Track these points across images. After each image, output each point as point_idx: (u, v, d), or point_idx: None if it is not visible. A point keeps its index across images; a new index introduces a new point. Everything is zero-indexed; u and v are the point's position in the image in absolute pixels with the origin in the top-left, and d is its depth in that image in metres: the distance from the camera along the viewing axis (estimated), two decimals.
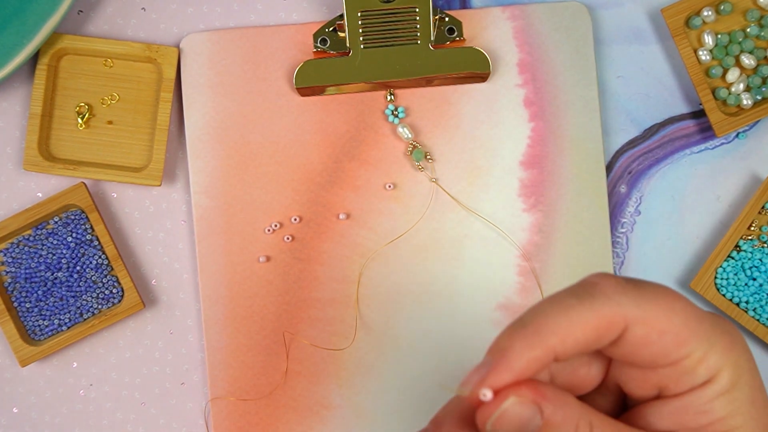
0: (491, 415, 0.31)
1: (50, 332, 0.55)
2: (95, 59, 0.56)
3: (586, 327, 0.31)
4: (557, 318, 0.31)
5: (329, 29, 0.56)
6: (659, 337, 0.32)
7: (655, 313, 0.32)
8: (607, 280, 0.32)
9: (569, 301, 0.32)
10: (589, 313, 0.31)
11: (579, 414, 0.32)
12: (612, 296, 0.32)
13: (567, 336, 0.31)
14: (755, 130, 0.58)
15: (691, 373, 0.32)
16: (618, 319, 0.31)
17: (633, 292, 0.32)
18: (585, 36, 0.57)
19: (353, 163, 0.56)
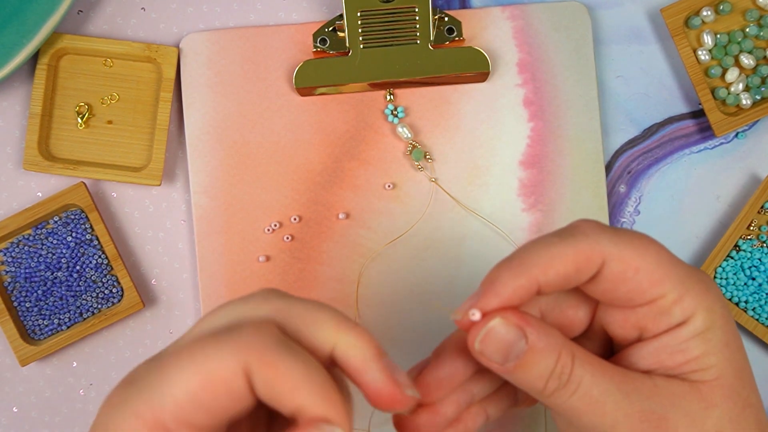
0: (479, 333, 0.34)
1: (50, 332, 0.55)
2: (95, 59, 0.56)
3: (566, 260, 0.34)
4: (540, 252, 0.34)
5: (329, 29, 0.56)
6: (634, 275, 0.34)
7: (631, 251, 0.34)
8: (588, 222, 0.35)
9: (552, 239, 0.35)
10: (569, 249, 0.34)
11: (562, 343, 0.35)
12: (591, 235, 0.34)
13: (548, 268, 0.34)
14: (754, 130, 0.58)
15: (666, 314, 0.35)
16: (595, 255, 0.34)
17: (611, 233, 0.35)
18: (584, 36, 0.57)
19: (353, 163, 0.56)
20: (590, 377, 0.34)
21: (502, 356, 0.34)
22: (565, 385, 0.34)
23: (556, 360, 0.34)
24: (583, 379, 0.34)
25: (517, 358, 0.34)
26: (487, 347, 0.34)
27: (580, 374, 0.34)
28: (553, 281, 0.34)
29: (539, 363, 0.34)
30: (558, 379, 0.34)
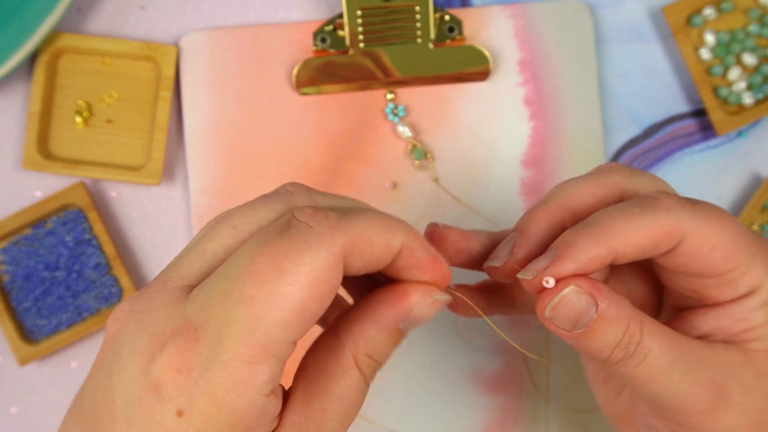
0: (550, 300, 0.34)
1: (49, 331, 0.55)
2: (94, 58, 0.56)
3: (647, 234, 0.34)
4: (622, 222, 0.34)
5: (329, 28, 0.55)
6: (710, 251, 0.34)
7: (709, 228, 0.34)
8: (668, 196, 0.35)
9: (632, 209, 0.34)
10: (650, 223, 0.34)
11: (632, 314, 0.34)
12: (672, 209, 0.34)
13: (629, 239, 0.34)
14: (756, 129, 0.58)
15: (733, 285, 0.35)
16: (676, 231, 0.34)
17: (690, 208, 0.34)
18: (586, 34, 0.57)
19: (353, 162, 0.56)
20: (658, 348, 0.34)
21: (571, 324, 0.34)
22: (632, 355, 0.34)
23: (624, 330, 0.34)
24: (651, 350, 0.34)
25: (586, 326, 0.34)
26: (558, 314, 0.34)
27: (648, 345, 0.34)
28: (630, 253, 0.34)
29: (607, 332, 0.34)
30: (625, 349, 0.34)
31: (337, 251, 0.29)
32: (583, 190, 0.37)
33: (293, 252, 0.29)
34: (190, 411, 0.28)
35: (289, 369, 0.31)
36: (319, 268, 0.29)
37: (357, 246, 0.30)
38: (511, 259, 0.36)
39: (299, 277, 0.28)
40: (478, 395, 0.55)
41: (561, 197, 0.37)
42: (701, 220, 0.34)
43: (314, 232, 0.29)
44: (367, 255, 0.31)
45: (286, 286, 0.28)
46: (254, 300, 0.28)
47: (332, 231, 0.29)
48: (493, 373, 0.55)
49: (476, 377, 0.55)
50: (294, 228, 0.29)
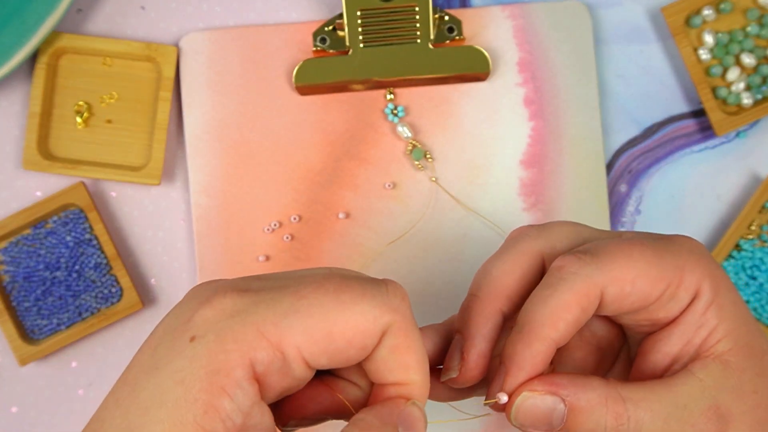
0: (510, 411, 0.35)
1: (49, 331, 0.55)
2: (94, 58, 0.56)
3: (569, 309, 0.34)
4: (543, 310, 0.34)
5: (329, 28, 0.55)
6: (633, 286, 0.34)
7: (620, 268, 0.34)
8: (567, 258, 0.35)
9: (545, 291, 0.35)
10: (566, 296, 0.34)
11: (606, 392, 0.34)
12: (578, 272, 0.34)
13: (557, 323, 0.34)
14: (755, 130, 0.58)
15: (675, 299, 0.35)
16: (592, 291, 0.34)
17: (593, 261, 0.35)
18: (585, 35, 0.57)
19: (353, 162, 0.56)
20: (650, 414, 0.34)
21: (545, 425, 0.34)
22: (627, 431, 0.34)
23: (605, 411, 0.34)
24: (644, 420, 0.34)
25: (563, 422, 0.34)
26: (526, 420, 0.34)
27: (638, 416, 0.34)
28: (566, 332, 0.34)
29: (588, 421, 0.34)
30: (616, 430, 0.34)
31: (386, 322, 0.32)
32: (506, 270, 0.37)
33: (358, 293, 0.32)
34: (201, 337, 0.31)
35: None
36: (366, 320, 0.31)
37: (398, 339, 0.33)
38: (464, 367, 0.36)
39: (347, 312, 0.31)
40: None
41: (489, 287, 0.37)
42: (608, 266, 0.34)
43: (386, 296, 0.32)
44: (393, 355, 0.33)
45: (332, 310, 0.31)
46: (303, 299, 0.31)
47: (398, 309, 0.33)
48: None
49: None
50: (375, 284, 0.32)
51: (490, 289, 0.37)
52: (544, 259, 0.37)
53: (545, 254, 0.37)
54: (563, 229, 0.38)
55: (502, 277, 0.37)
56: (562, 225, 0.38)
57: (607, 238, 0.36)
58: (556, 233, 0.38)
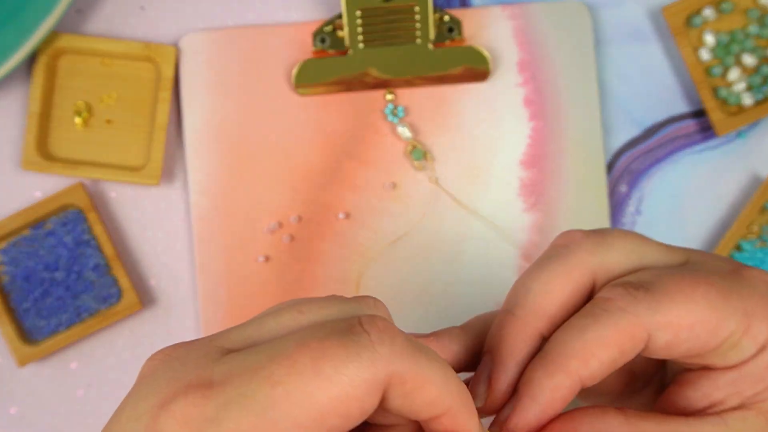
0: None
1: (48, 332, 0.55)
2: (93, 58, 0.56)
3: (607, 345, 0.30)
4: (576, 341, 0.30)
5: (328, 28, 0.55)
6: (689, 333, 0.30)
7: (678, 312, 0.30)
8: (617, 293, 0.31)
9: (584, 321, 0.31)
10: (606, 332, 0.30)
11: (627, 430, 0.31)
12: (626, 308, 0.30)
13: (588, 359, 0.30)
14: (756, 130, 0.58)
15: (737, 349, 0.31)
16: (638, 332, 0.30)
17: (646, 299, 0.30)
18: (585, 35, 0.57)
19: (353, 163, 0.56)
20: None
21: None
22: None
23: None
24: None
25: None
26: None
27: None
28: (597, 371, 0.30)
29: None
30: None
31: (384, 378, 0.26)
32: (550, 288, 0.32)
33: (340, 358, 0.26)
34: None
35: None
36: (357, 386, 0.26)
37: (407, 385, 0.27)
38: (491, 396, 0.32)
39: (333, 385, 0.26)
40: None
41: (529, 305, 0.32)
42: (664, 307, 0.30)
43: (371, 348, 0.26)
44: (409, 399, 0.27)
45: (316, 388, 0.26)
46: (278, 386, 0.26)
47: (392, 356, 0.27)
48: None
49: None
50: (355, 335, 0.27)
51: (529, 307, 0.32)
52: (595, 279, 0.33)
53: (597, 274, 0.33)
54: (625, 245, 0.33)
55: (544, 296, 0.32)
56: (624, 239, 0.33)
57: (669, 273, 0.32)
58: (615, 250, 0.33)
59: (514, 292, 0.33)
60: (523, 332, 0.32)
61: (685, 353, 0.31)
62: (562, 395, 0.30)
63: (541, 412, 0.30)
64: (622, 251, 0.33)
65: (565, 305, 0.32)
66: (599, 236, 0.33)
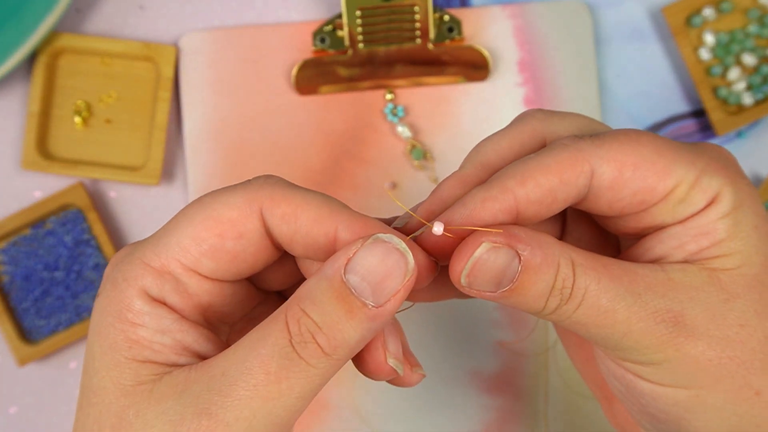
0: (464, 266, 0.30)
1: (48, 332, 0.55)
2: (93, 58, 0.56)
3: (546, 171, 0.30)
4: (518, 166, 0.30)
5: (328, 28, 0.55)
6: (634, 171, 0.30)
7: (621, 147, 0.30)
8: (567, 137, 0.31)
9: (529, 158, 0.31)
10: (547, 159, 0.30)
11: (560, 252, 0.30)
12: (570, 145, 0.30)
13: (526, 179, 0.30)
14: (756, 130, 0.58)
15: (686, 202, 0.30)
16: (579, 161, 0.30)
17: (592, 140, 0.30)
18: (585, 35, 0.57)
19: (353, 163, 0.56)
20: (596, 285, 0.30)
21: (493, 285, 0.30)
22: (568, 299, 0.30)
23: (555, 274, 0.30)
24: (588, 289, 0.30)
25: (512, 282, 0.29)
26: (476, 280, 0.30)
27: (584, 284, 0.30)
28: (533, 194, 0.30)
29: (537, 282, 0.29)
30: (559, 295, 0.30)
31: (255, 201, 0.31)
32: (500, 146, 0.33)
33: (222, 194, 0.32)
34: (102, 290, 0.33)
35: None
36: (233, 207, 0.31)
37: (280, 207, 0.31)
38: (412, 219, 0.33)
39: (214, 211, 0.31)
40: (478, 395, 0.55)
41: (477, 160, 0.33)
42: (608, 145, 0.30)
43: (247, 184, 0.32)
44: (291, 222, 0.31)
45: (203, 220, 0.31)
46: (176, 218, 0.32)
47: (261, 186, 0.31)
48: (492, 373, 0.55)
49: (476, 377, 0.55)
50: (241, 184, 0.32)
51: (476, 161, 0.33)
52: (545, 143, 0.32)
53: (548, 138, 0.32)
54: (576, 119, 0.33)
55: (492, 152, 0.33)
56: (576, 116, 0.33)
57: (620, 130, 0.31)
58: (567, 121, 0.33)
59: (468, 155, 0.34)
60: (466, 178, 0.33)
61: (630, 201, 0.30)
62: (493, 207, 0.30)
63: (467, 215, 0.30)
64: (573, 122, 0.33)
65: (510, 160, 0.32)
66: (554, 112, 0.33)
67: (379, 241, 0.29)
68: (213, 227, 0.31)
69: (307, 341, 0.28)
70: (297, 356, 0.28)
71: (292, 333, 0.29)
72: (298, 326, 0.29)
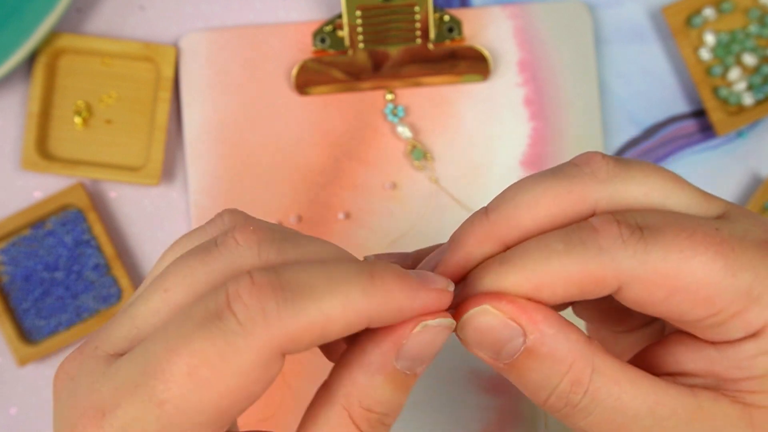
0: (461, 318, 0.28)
1: (48, 332, 0.55)
2: (93, 58, 0.56)
3: (567, 282, 0.27)
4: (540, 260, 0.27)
5: (328, 28, 0.55)
6: (669, 297, 0.26)
7: (662, 272, 0.26)
8: (606, 227, 0.26)
9: (555, 245, 0.27)
10: (573, 266, 0.26)
11: (578, 351, 0.27)
12: (607, 249, 0.26)
13: (545, 282, 0.27)
14: (756, 130, 0.58)
15: (721, 327, 0.27)
16: (609, 277, 0.26)
17: (635, 245, 0.26)
18: (585, 35, 0.57)
19: (352, 163, 0.56)
20: (614, 401, 0.27)
21: (491, 351, 0.27)
22: (575, 406, 0.27)
23: (564, 372, 0.27)
24: (604, 403, 0.27)
25: (511, 358, 0.27)
26: (473, 337, 0.28)
27: (599, 396, 0.27)
28: (547, 300, 0.27)
29: (541, 370, 0.27)
30: (565, 398, 0.27)
31: (271, 352, 0.25)
32: (537, 204, 0.28)
33: (214, 357, 0.24)
34: None
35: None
36: (247, 373, 0.24)
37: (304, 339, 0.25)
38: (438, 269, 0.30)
39: (219, 384, 0.24)
40: (478, 395, 0.55)
41: (506, 212, 0.28)
42: (653, 261, 0.26)
43: (243, 332, 0.24)
44: (320, 341, 0.25)
45: (203, 393, 0.24)
46: (166, 405, 0.24)
47: (269, 329, 0.24)
48: (493, 374, 0.55)
49: (476, 377, 0.55)
50: (222, 321, 0.24)
51: (505, 215, 0.28)
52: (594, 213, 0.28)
53: (601, 206, 0.28)
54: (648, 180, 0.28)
55: (526, 209, 0.28)
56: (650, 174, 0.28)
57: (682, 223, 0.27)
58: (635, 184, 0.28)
59: (501, 194, 0.29)
60: (488, 234, 0.28)
61: (653, 312, 0.27)
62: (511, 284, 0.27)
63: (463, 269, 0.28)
64: (642, 186, 0.28)
65: (545, 228, 0.28)
66: (621, 164, 0.28)
67: (428, 328, 0.27)
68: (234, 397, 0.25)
69: (380, 429, 0.28)
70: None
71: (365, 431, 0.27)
72: (369, 424, 0.27)
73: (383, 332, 0.27)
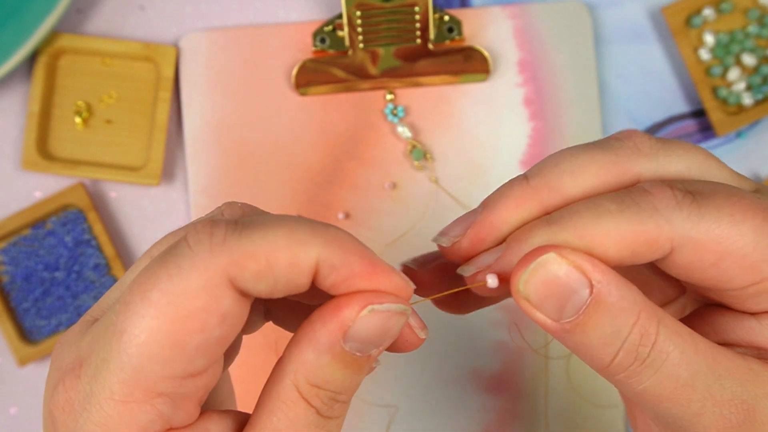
0: (524, 269, 0.26)
1: (48, 332, 0.55)
2: (93, 58, 0.56)
3: (621, 243, 0.26)
4: (591, 221, 0.26)
5: (328, 28, 0.55)
6: (715, 263, 0.26)
7: (715, 235, 0.26)
8: (660, 189, 0.26)
9: (608, 205, 0.26)
10: (627, 226, 0.26)
11: (643, 302, 0.26)
12: (661, 210, 0.26)
13: (596, 243, 0.26)
14: (756, 130, 0.58)
15: (761, 297, 0.27)
16: (662, 239, 0.26)
17: (689, 207, 0.26)
18: (585, 35, 0.57)
19: (353, 163, 0.56)
20: (679, 354, 0.26)
21: (555, 308, 0.26)
22: (644, 361, 0.26)
23: (633, 323, 0.26)
24: (671, 356, 0.26)
25: (577, 313, 0.26)
26: (537, 291, 0.26)
27: (666, 348, 0.26)
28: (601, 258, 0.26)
29: (606, 324, 0.26)
30: (635, 352, 0.26)
31: (216, 275, 0.25)
32: (582, 171, 0.28)
33: (163, 279, 0.25)
34: None
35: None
36: (193, 296, 0.25)
37: (249, 267, 0.25)
38: (458, 242, 0.29)
39: (166, 307, 0.25)
40: (478, 395, 0.55)
41: (549, 177, 0.28)
42: (706, 224, 0.26)
43: (190, 254, 0.25)
44: (268, 276, 0.25)
45: (152, 318, 0.25)
46: (124, 334, 0.25)
47: (213, 251, 0.25)
48: (493, 373, 0.55)
49: (476, 377, 0.55)
50: (176, 248, 0.25)
51: (548, 179, 0.28)
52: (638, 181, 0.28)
53: (644, 175, 0.28)
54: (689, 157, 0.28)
55: (570, 176, 0.28)
56: (690, 152, 0.28)
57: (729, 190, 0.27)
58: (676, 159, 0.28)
59: (542, 162, 0.29)
60: (529, 198, 0.28)
61: (701, 278, 0.27)
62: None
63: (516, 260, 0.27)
64: (684, 161, 0.28)
65: (588, 195, 0.28)
66: (662, 141, 0.29)
67: (376, 313, 0.27)
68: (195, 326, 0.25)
69: (333, 405, 0.28)
70: (328, 419, 0.28)
71: (317, 407, 0.27)
72: (320, 400, 0.27)
73: (331, 311, 0.26)
